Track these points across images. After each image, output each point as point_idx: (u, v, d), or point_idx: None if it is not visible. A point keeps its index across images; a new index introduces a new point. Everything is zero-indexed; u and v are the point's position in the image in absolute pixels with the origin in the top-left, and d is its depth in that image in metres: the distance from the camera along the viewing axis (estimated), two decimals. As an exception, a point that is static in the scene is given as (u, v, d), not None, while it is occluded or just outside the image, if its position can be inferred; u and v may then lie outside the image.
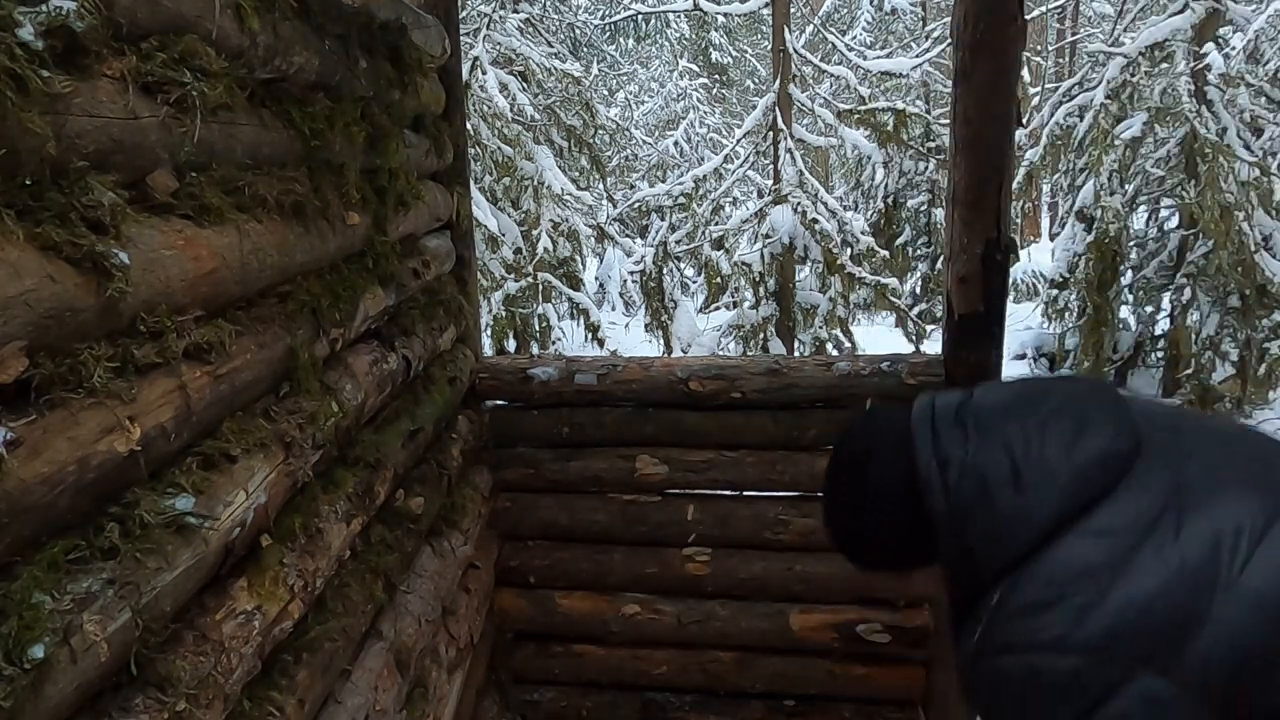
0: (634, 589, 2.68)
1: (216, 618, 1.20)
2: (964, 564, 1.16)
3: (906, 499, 1.19)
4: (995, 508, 1.11)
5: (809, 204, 6.80)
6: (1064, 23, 15.32)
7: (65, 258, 0.93)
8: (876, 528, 1.26)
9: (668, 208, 7.71)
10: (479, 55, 7.41)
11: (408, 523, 2.01)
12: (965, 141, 2.16)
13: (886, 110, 7.62)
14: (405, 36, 2.06)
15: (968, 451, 1.15)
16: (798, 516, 2.53)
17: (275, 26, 1.41)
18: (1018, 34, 2.08)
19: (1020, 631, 1.05)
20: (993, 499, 1.11)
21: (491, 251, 6.71)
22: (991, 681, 1.09)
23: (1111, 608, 1.00)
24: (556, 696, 2.81)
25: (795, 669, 2.62)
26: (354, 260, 1.82)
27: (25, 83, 0.87)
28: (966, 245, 2.19)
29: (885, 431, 1.26)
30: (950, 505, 1.15)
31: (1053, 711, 1.02)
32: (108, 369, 0.99)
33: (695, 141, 14.93)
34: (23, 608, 0.85)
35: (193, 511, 1.12)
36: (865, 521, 1.28)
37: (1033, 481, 1.09)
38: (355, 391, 1.75)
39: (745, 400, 2.49)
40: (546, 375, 2.63)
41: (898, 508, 1.21)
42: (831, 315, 7.07)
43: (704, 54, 18.24)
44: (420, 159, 2.27)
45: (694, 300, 9.12)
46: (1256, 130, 7.72)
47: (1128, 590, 1.01)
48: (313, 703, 1.49)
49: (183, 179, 1.19)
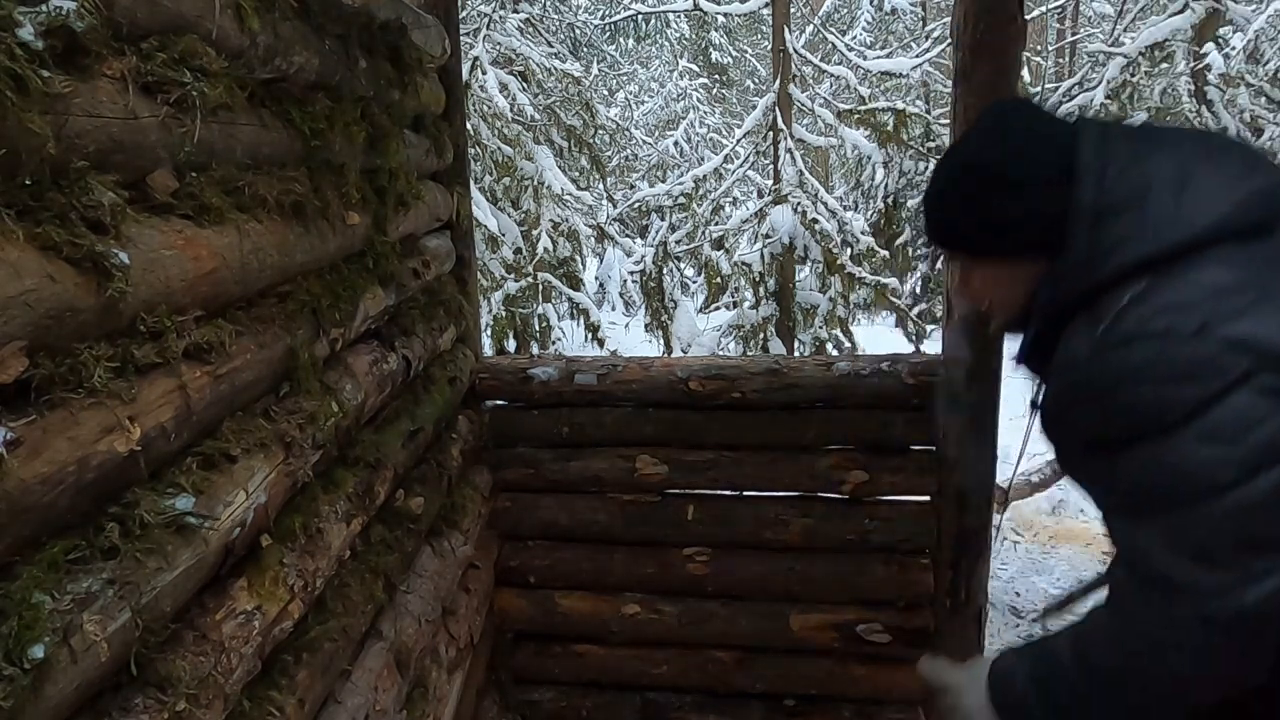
0: (634, 589, 2.68)
1: (216, 618, 1.20)
2: (1079, 265, 1.16)
3: (1053, 183, 1.19)
4: (1150, 208, 1.12)
5: (809, 204, 6.80)
6: (1064, 23, 15.31)
7: (65, 258, 0.93)
8: (1004, 200, 1.23)
9: (668, 208, 7.71)
10: (479, 55, 7.41)
11: (408, 523, 2.01)
12: (965, 141, 2.16)
13: (886, 110, 7.62)
14: (405, 36, 2.06)
15: (1134, 156, 1.16)
16: (798, 516, 2.53)
17: (275, 26, 1.41)
18: (1018, 34, 2.08)
19: (1159, 321, 1.07)
20: (1150, 200, 1.12)
21: (491, 251, 6.71)
22: (1116, 371, 1.10)
23: (1254, 319, 1.04)
24: (556, 696, 2.81)
25: (795, 669, 2.62)
26: (354, 260, 1.82)
27: (25, 83, 0.87)
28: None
29: (1045, 118, 1.27)
30: (1099, 198, 1.15)
31: (1178, 392, 1.05)
32: (108, 369, 0.99)
33: (695, 141, 14.93)
34: (23, 608, 0.85)
35: (193, 511, 1.12)
36: (995, 191, 1.24)
37: (1200, 190, 1.12)
38: (355, 391, 1.75)
39: (745, 400, 2.49)
40: (546, 375, 2.63)
41: (1038, 188, 1.20)
42: (831, 315, 7.07)
43: (704, 54, 18.24)
44: (420, 159, 2.27)
45: (694, 300, 9.12)
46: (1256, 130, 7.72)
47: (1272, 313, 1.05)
48: (313, 703, 1.49)
49: (183, 179, 1.19)
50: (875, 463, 2.46)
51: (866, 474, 2.46)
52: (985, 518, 2.38)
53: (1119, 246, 1.13)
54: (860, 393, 2.43)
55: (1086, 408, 1.15)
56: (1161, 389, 1.06)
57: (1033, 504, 4.75)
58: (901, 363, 2.42)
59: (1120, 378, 1.09)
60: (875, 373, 2.42)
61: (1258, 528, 1.03)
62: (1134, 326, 1.09)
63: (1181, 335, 1.05)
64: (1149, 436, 1.08)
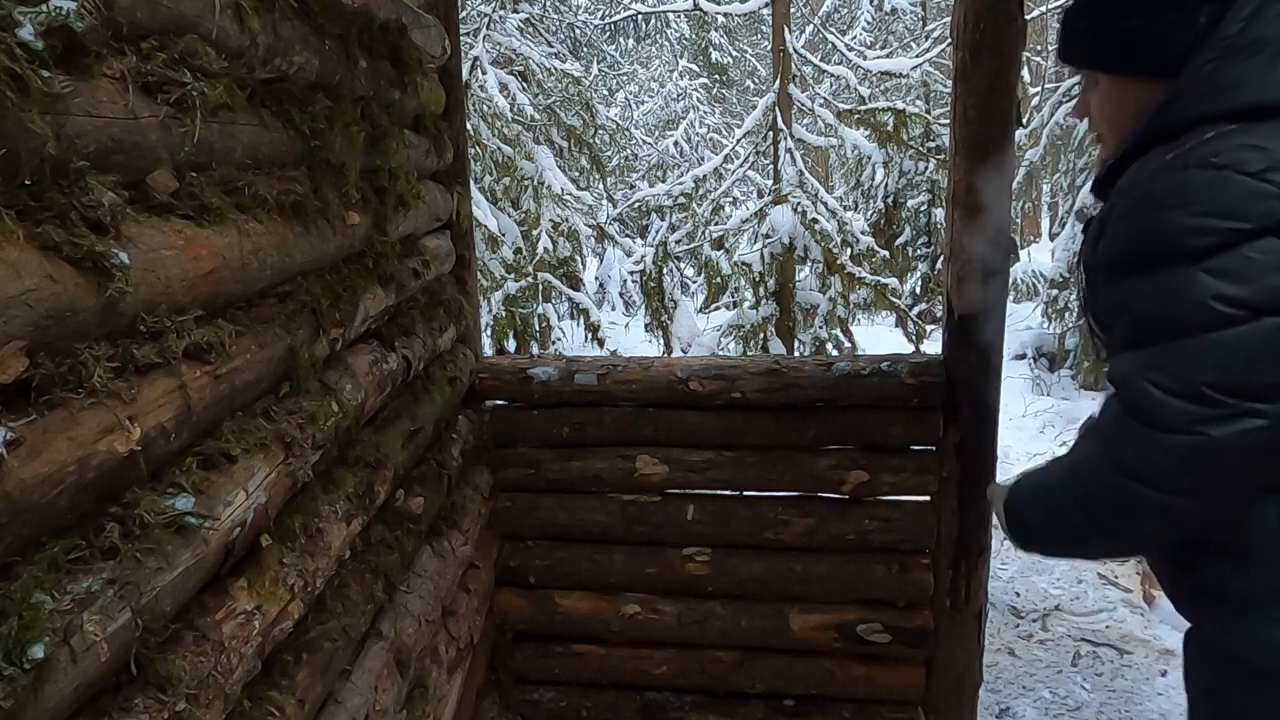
0: (634, 589, 2.68)
1: (216, 618, 1.20)
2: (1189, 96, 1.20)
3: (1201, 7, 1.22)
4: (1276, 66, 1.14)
5: (809, 204, 6.80)
6: (1064, 23, 15.27)
7: (65, 258, 0.93)
8: (1151, 14, 1.27)
9: (668, 208, 7.71)
10: (479, 55, 7.41)
11: (408, 523, 2.01)
12: (965, 141, 2.17)
13: (886, 110, 7.62)
14: (405, 36, 2.06)
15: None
16: (798, 516, 2.53)
17: (275, 26, 1.41)
18: (1018, 34, 2.08)
19: (1226, 156, 1.10)
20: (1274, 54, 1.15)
21: (491, 251, 6.71)
22: (1166, 191, 1.14)
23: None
24: (556, 696, 2.81)
25: (795, 669, 2.62)
26: (354, 260, 1.82)
27: (25, 83, 0.87)
28: (966, 245, 2.19)
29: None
30: (1238, 37, 1.17)
31: (1216, 224, 1.08)
32: (108, 369, 0.99)
33: (695, 141, 14.94)
34: (23, 608, 0.85)
35: (193, 511, 1.12)
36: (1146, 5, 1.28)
37: None
38: (355, 391, 1.75)
39: (745, 400, 2.49)
40: (546, 375, 2.63)
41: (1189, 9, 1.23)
42: (831, 315, 7.06)
43: (704, 54, 18.24)
44: (420, 159, 2.27)
45: (694, 300, 9.12)
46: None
47: None
48: (313, 703, 1.49)
49: (183, 179, 1.19)
50: (875, 463, 2.47)
51: (866, 474, 2.46)
52: (985, 517, 2.38)
53: (1231, 89, 1.17)
54: (860, 393, 2.43)
55: (1127, 224, 1.19)
56: (1203, 218, 1.09)
57: (1033, 504, 4.74)
58: (901, 363, 2.42)
59: (1167, 199, 1.13)
60: (875, 373, 2.42)
61: (1244, 370, 1.07)
62: (1200, 156, 1.13)
63: (1242, 171, 1.08)
64: (1173, 262, 1.12)
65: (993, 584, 2.94)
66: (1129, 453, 1.17)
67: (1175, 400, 1.11)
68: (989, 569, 2.47)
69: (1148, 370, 1.14)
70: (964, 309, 2.23)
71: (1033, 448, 5.65)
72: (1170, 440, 1.11)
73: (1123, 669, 3.27)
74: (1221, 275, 1.07)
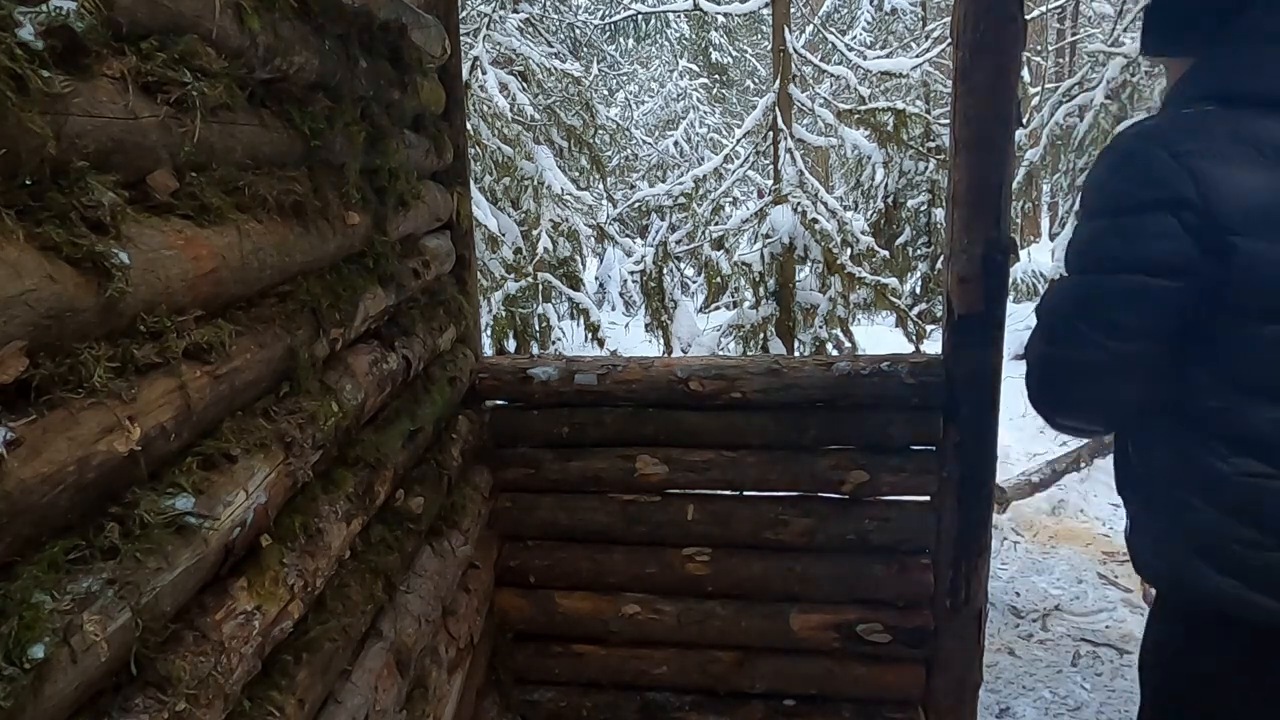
0: (634, 589, 2.68)
1: (216, 618, 1.20)
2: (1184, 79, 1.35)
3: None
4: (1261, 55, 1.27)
5: (809, 204, 6.79)
6: (1064, 23, 15.31)
7: (65, 258, 0.93)
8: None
9: (668, 208, 7.70)
10: (479, 55, 7.41)
11: (408, 523, 2.01)
12: (965, 141, 2.17)
13: (886, 110, 7.61)
14: (405, 36, 2.06)
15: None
16: (798, 516, 2.53)
17: (275, 26, 1.41)
18: (1018, 34, 2.08)
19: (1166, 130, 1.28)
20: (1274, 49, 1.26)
21: (491, 251, 6.71)
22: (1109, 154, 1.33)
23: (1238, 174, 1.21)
24: (556, 696, 2.81)
25: (795, 669, 2.62)
26: (354, 260, 1.82)
27: (25, 83, 0.87)
28: (966, 245, 2.19)
29: None
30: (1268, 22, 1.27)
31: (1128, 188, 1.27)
32: (108, 369, 0.99)
33: (695, 141, 14.94)
34: (23, 608, 0.85)
35: (193, 511, 1.12)
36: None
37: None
38: (355, 391, 1.75)
39: (745, 400, 2.49)
40: (546, 375, 2.63)
41: None
42: (831, 315, 7.06)
43: (704, 54, 18.23)
44: (420, 159, 2.27)
45: (694, 300, 9.12)
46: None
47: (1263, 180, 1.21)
48: (313, 703, 1.49)
49: (183, 179, 1.19)
50: (875, 463, 2.46)
51: (866, 474, 2.46)
52: (985, 517, 2.38)
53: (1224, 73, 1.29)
54: (860, 393, 2.43)
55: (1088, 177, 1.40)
56: (1121, 182, 1.29)
57: (1033, 504, 4.75)
58: (901, 363, 2.42)
59: (1106, 161, 1.33)
60: (875, 373, 2.42)
61: (1107, 308, 1.30)
62: (1149, 128, 1.30)
63: (1167, 149, 1.24)
64: (1093, 215, 1.34)
65: (993, 584, 2.94)
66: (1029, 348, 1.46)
67: (1051, 316, 1.39)
68: (989, 569, 2.47)
69: (1055, 292, 1.41)
70: (964, 309, 2.23)
71: (1033, 448, 5.65)
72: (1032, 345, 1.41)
73: (1123, 669, 3.27)
74: (1119, 234, 1.27)
